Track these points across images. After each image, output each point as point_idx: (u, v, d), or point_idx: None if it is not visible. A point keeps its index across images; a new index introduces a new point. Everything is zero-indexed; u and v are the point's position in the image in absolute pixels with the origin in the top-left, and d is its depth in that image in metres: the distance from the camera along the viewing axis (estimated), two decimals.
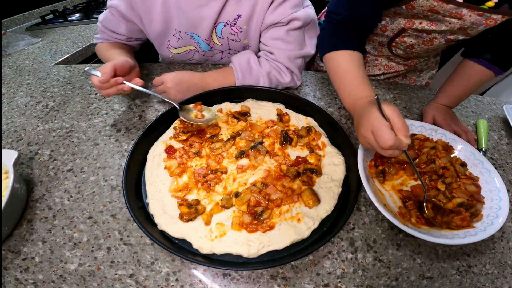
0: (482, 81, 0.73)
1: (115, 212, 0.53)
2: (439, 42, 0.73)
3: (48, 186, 0.57)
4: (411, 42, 0.78)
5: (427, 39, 0.74)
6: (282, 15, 0.72)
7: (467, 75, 0.74)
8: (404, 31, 0.75)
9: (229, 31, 0.78)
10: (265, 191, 0.53)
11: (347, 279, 0.47)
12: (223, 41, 0.81)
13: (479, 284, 0.48)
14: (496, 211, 0.52)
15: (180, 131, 0.63)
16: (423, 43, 0.76)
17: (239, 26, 0.77)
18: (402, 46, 0.81)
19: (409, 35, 0.76)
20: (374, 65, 0.95)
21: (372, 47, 0.91)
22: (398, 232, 0.53)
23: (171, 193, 0.53)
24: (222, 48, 0.84)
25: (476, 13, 0.59)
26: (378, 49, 0.89)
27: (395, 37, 0.78)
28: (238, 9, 0.74)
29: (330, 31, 0.67)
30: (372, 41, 0.88)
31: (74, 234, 0.50)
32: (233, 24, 0.76)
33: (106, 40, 0.84)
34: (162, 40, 0.83)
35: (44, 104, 0.77)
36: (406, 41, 0.78)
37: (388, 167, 0.58)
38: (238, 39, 0.80)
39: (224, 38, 0.80)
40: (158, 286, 0.45)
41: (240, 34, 0.79)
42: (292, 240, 0.48)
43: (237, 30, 0.78)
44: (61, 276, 0.45)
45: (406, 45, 0.79)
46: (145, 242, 0.49)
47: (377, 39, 0.85)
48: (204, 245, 0.47)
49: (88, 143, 0.66)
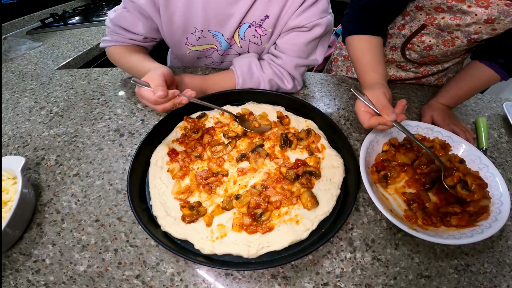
0: (488, 85, 0.73)
1: (121, 215, 0.55)
2: (461, 42, 0.69)
3: (55, 191, 0.59)
4: (430, 42, 0.74)
5: (448, 38, 0.70)
6: (308, 19, 0.69)
7: (474, 77, 0.72)
8: (424, 28, 0.71)
9: (253, 33, 0.74)
10: (265, 193, 0.54)
11: (346, 278, 0.47)
12: (244, 43, 0.77)
13: (477, 283, 0.48)
14: (498, 206, 0.52)
15: (189, 131, 0.64)
16: (443, 44, 0.72)
17: (264, 28, 0.73)
18: (419, 48, 0.77)
19: (429, 33, 0.72)
20: None
21: None
22: (396, 232, 0.54)
23: (174, 196, 0.54)
24: (240, 50, 0.80)
25: (504, 2, 0.57)
26: (389, 55, 0.85)
27: (413, 36, 0.74)
28: (267, 9, 0.70)
29: (352, 16, 0.70)
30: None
31: (82, 236, 0.51)
32: (258, 25, 0.72)
33: (119, 43, 0.76)
34: (180, 38, 0.77)
35: (48, 110, 0.78)
36: (424, 40, 0.74)
37: (389, 171, 0.59)
38: (260, 42, 0.76)
39: (246, 40, 0.76)
40: (164, 286, 0.46)
41: (263, 37, 0.75)
42: (291, 241, 0.49)
43: (262, 33, 0.74)
44: (71, 277, 0.46)
45: (423, 46, 0.75)
46: (150, 244, 0.51)
47: (390, 42, 0.81)
48: (206, 245, 0.48)
49: (93, 148, 0.67)
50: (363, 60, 0.68)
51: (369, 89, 0.60)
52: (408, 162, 0.60)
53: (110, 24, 0.74)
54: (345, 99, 0.85)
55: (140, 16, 0.72)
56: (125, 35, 0.75)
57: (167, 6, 0.69)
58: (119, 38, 0.76)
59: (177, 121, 0.69)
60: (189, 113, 0.70)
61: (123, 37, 0.75)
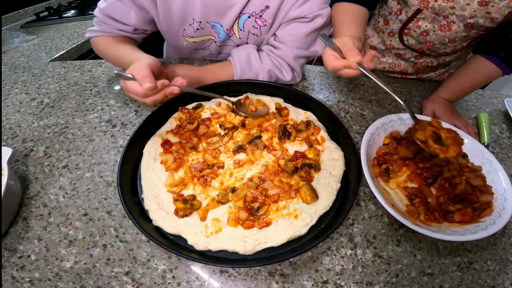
0: (489, 79, 0.72)
1: (111, 208, 0.53)
2: (458, 27, 0.69)
3: (43, 183, 0.57)
4: (426, 27, 0.73)
5: (444, 23, 0.70)
6: (309, 9, 0.68)
7: (476, 72, 0.72)
8: (419, 12, 0.71)
9: (252, 23, 0.73)
10: (262, 186, 0.52)
11: (346, 276, 0.46)
12: (243, 34, 0.76)
13: (480, 281, 0.47)
14: (502, 202, 0.51)
15: (184, 122, 0.62)
16: (439, 29, 0.72)
17: (264, 19, 0.71)
18: (416, 33, 0.76)
19: (425, 18, 0.72)
20: (379, 62, 0.91)
21: (380, 40, 0.87)
22: (398, 228, 0.52)
23: (167, 188, 0.52)
24: (239, 41, 0.79)
25: None
26: (387, 41, 0.85)
27: (409, 21, 0.74)
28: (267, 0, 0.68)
29: None
30: (381, 31, 0.84)
31: (70, 231, 0.50)
32: (258, 16, 0.71)
33: (106, 33, 0.72)
34: (177, 29, 0.75)
35: (39, 101, 0.77)
36: (420, 25, 0.74)
37: (391, 165, 0.57)
38: (259, 33, 0.75)
39: (245, 31, 0.75)
40: (155, 283, 0.44)
41: (263, 28, 0.74)
42: (289, 237, 0.47)
43: (261, 23, 0.73)
44: (57, 274, 0.45)
45: (420, 31, 0.75)
46: (141, 239, 0.49)
47: (388, 28, 0.81)
48: (199, 241, 0.46)
49: (83, 139, 0.65)
50: (341, 20, 0.69)
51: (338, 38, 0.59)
52: (409, 155, 0.59)
53: (99, 14, 0.71)
54: (345, 92, 0.84)
55: (134, 6, 0.69)
56: (114, 26, 0.71)
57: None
58: (107, 28, 0.72)
59: (172, 112, 0.66)
60: (184, 104, 0.68)
61: (112, 28, 0.72)
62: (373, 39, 0.88)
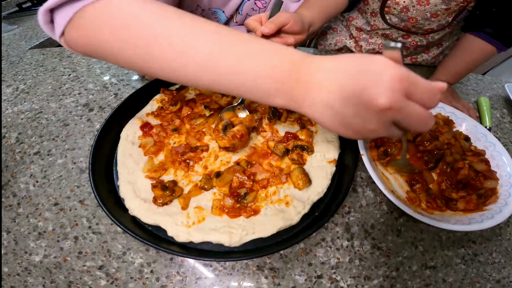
0: (484, 57, 0.71)
1: (84, 197, 0.49)
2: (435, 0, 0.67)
3: (13, 171, 0.54)
4: (404, 3, 0.72)
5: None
6: None
7: (468, 50, 0.71)
8: None
9: (251, 6, 0.71)
10: (250, 170, 0.49)
11: (342, 270, 0.44)
12: (240, 18, 0.74)
13: (485, 274, 0.45)
14: (507, 189, 0.49)
15: (166, 104, 0.59)
16: (417, 3, 0.70)
17: (265, 0, 0.69)
18: (396, 10, 0.75)
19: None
20: (367, 44, 0.89)
21: (365, 21, 0.85)
22: (398, 217, 0.50)
23: (145, 174, 0.48)
24: (235, 25, 0.77)
25: None
26: (371, 22, 0.83)
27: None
28: None
29: None
30: (364, 12, 0.82)
31: (39, 223, 0.47)
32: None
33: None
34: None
35: (14, 87, 0.73)
36: (399, 2, 0.72)
37: (390, 148, 0.54)
38: None
39: (243, 15, 0.73)
40: (131, 278, 0.42)
41: (262, 10, 0.71)
42: (280, 227, 0.43)
43: (261, 5, 0.70)
44: (26, 268, 0.42)
45: (400, 8, 0.73)
46: (116, 230, 0.46)
47: (369, 8, 0.79)
48: (180, 232, 0.42)
49: (57, 124, 0.62)
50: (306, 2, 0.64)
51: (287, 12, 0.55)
52: (409, 137, 0.56)
53: None
54: None
55: None
56: None
57: None
58: None
59: (153, 94, 0.62)
60: (167, 85, 0.63)
61: None
62: (357, 21, 0.86)
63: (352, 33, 0.89)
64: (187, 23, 0.32)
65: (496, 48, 0.67)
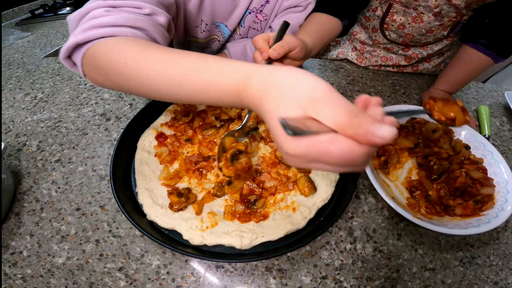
0: (481, 68, 0.71)
1: (104, 203, 0.52)
2: (428, 17, 0.70)
3: (35, 178, 0.56)
4: (400, 21, 0.74)
5: (415, 15, 0.71)
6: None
7: (465, 61, 0.72)
8: (391, 7, 0.73)
9: (253, 19, 0.72)
10: (259, 178, 0.51)
11: (346, 271, 0.45)
12: (243, 30, 0.75)
13: (483, 276, 0.47)
14: (504, 195, 0.51)
15: (179, 115, 0.61)
16: (412, 21, 0.73)
17: (265, 13, 0.71)
18: (394, 27, 0.77)
19: (397, 12, 0.73)
20: (371, 56, 0.91)
21: (367, 36, 0.87)
22: (399, 221, 0.51)
23: (161, 182, 0.51)
24: (239, 38, 0.77)
25: None
26: (373, 37, 0.85)
27: (384, 16, 0.75)
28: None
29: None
30: (366, 27, 0.85)
31: (62, 226, 0.49)
32: (259, 11, 0.70)
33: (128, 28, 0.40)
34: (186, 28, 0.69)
35: (32, 96, 0.76)
36: (396, 19, 0.75)
37: (390, 158, 0.56)
38: (260, 28, 0.74)
39: (245, 28, 0.74)
40: (149, 279, 0.43)
41: (263, 22, 0.73)
42: (287, 231, 0.46)
43: (262, 18, 0.72)
44: (49, 270, 0.44)
45: (397, 25, 0.76)
46: (134, 234, 0.48)
47: (370, 24, 0.82)
48: (195, 236, 0.45)
49: (77, 133, 0.64)
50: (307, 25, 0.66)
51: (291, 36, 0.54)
52: (410, 145, 0.58)
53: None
54: (343, 84, 0.84)
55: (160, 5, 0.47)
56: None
57: None
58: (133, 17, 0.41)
59: (167, 105, 0.65)
60: None
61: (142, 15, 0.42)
62: (361, 35, 0.88)
63: (356, 46, 0.91)
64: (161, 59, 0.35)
65: (492, 59, 0.68)
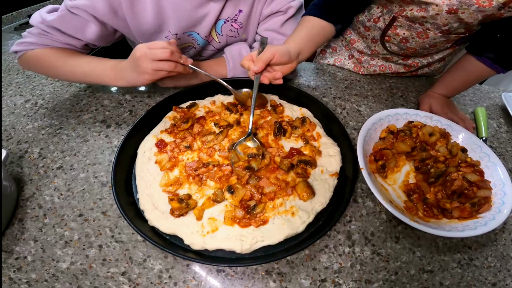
0: (482, 78, 0.72)
1: (106, 209, 0.52)
2: (434, 34, 0.67)
3: (38, 185, 0.56)
4: (404, 35, 0.72)
5: (421, 30, 0.68)
6: (280, 4, 0.71)
7: (467, 70, 0.71)
8: (395, 20, 0.70)
9: (229, 28, 0.75)
10: (259, 184, 0.52)
11: (344, 274, 0.46)
12: (222, 38, 0.77)
13: (481, 278, 0.47)
14: (501, 197, 0.51)
15: (178, 121, 0.62)
16: (417, 36, 0.70)
17: (240, 22, 0.74)
18: (396, 40, 0.75)
19: (401, 26, 0.70)
20: (369, 65, 0.88)
21: (366, 45, 0.85)
22: (396, 224, 0.52)
23: (162, 188, 0.52)
24: (219, 45, 0.80)
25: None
26: (372, 47, 0.83)
27: (386, 28, 0.73)
28: (239, 4, 0.71)
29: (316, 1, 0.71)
30: (365, 37, 0.83)
31: (65, 232, 0.49)
32: (233, 20, 0.73)
33: (47, 46, 0.64)
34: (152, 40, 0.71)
35: (33, 102, 0.76)
36: (399, 33, 0.72)
37: (387, 161, 0.57)
38: (237, 34, 0.77)
39: (223, 36, 0.77)
40: (151, 283, 0.44)
41: (239, 30, 0.76)
42: (286, 235, 0.46)
43: (238, 26, 0.75)
44: (53, 275, 0.45)
45: (399, 39, 0.74)
46: (136, 239, 0.49)
47: (370, 34, 0.80)
48: (196, 241, 0.46)
49: (78, 139, 0.65)
50: (297, 30, 0.69)
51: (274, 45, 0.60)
52: (407, 149, 0.58)
53: (42, 25, 0.62)
54: (341, 88, 0.84)
55: (94, 21, 0.62)
56: (61, 39, 0.63)
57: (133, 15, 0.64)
58: (50, 41, 0.63)
59: (166, 112, 0.66)
60: (178, 103, 0.67)
61: (56, 41, 0.63)
62: (358, 44, 0.87)
63: (353, 54, 0.90)
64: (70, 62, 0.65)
65: (496, 72, 0.67)
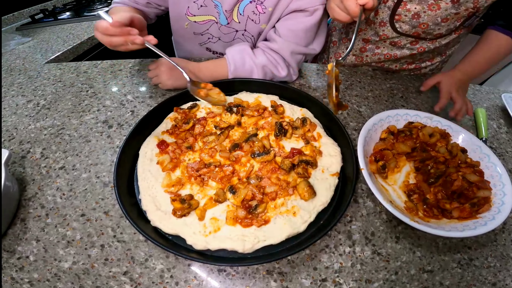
0: (501, 48, 0.73)
1: (108, 209, 0.53)
2: (446, 4, 0.69)
3: (40, 185, 0.57)
4: (415, 10, 0.73)
5: (432, 2, 0.70)
6: (310, 3, 0.69)
7: (486, 42, 0.74)
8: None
9: (252, 9, 0.73)
10: (260, 184, 0.52)
11: (345, 274, 0.46)
12: (242, 19, 0.76)
13: (481, 278, 0.47)
14: (501, 197, 0.51)
15: (180, 122, 0.62)
16: (429, 9, 0.71)
17: (265, 6, 0.72)
18: (407, 17, 0.75)
19: (412, 0, 0.71)
20: (373, 54, 0.88)
21: (373, 32, 0.84)
22: (397, 224, 0.52)
23: (164, 189, 0.52)
24: (238, 27, 0.79)
25: None
26: (380, 32, 0.82)
27: (397, 6, 0.73)
28: None
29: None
30: (372, 23, 0.82)
31: (67, 232, 0.50)
32: (260, 2, 0.72)
33: (123, 5, 0.78)
34: (183, 5, 0.78)
35: (35, 103, 0.76)
36: (409, 8, 0.73)
37: (388, 162, 0.57)
38: (258, 20, 0.76)
39: (244, 16, 0.75)
40: (153, 283, 0.44)
41: (262, 15, 0.74)
42: (288, 234, 0.47)
43: (261, 10, 0.73)
44: (55, 274, 0.45)
45: (411, 15, 0.74)
46: (138, 239, 0.49)
47: (378, 18, 0.79)
48: (198, 241, 0.46)
49: (80, 140, 0.65)
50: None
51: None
52: (408, 150, 0.59)
53: None
54: (342, 89, 0.84)
55: None
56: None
57: None
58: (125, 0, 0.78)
59: (167, 113, 0.66)
60: (179, 104, 0.68)
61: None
62: (365, 32, 0.87)
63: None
64: None
65: (510, 37, 0.71)
